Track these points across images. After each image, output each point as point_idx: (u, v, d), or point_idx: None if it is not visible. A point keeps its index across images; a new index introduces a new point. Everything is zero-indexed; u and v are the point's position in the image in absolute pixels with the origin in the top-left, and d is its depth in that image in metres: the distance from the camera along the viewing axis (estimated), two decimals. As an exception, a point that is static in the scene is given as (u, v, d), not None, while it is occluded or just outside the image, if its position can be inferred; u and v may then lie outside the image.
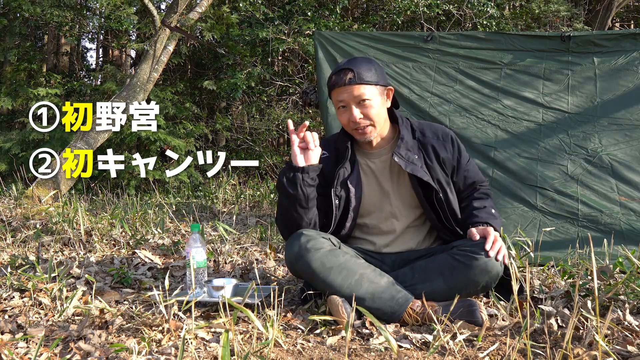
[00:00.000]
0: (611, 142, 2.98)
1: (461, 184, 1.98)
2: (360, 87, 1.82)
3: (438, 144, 1.94)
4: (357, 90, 1.83)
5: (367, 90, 1.83)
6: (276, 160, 8.01)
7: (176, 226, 3.48)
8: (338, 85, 1.85)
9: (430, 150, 1.93)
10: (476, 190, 2.01)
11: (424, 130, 1.97)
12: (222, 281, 1.97)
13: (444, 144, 1.94)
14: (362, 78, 1.82)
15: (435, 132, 1.97)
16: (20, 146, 7.01)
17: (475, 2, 7.12)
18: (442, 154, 1.93)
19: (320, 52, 3.47)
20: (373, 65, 1.89)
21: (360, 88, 1.82)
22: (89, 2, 9.35)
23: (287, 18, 7.08)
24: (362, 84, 1.82)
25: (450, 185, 1.94)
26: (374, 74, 1.85)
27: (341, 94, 1.85)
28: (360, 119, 1.85)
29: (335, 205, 1.90)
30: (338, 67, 1.88)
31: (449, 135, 1.97)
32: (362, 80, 1.82)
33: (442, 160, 1.93)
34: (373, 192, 1.95)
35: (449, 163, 1.94)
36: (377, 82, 1.85)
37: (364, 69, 1.84)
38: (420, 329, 1.67)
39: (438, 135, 1.96)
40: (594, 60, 3.18)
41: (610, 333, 1.52)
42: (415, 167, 1.87)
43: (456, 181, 1.97)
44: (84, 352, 1.51)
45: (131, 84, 5.95)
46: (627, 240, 2.65)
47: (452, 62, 3.36)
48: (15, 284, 2.10)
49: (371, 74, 1.85)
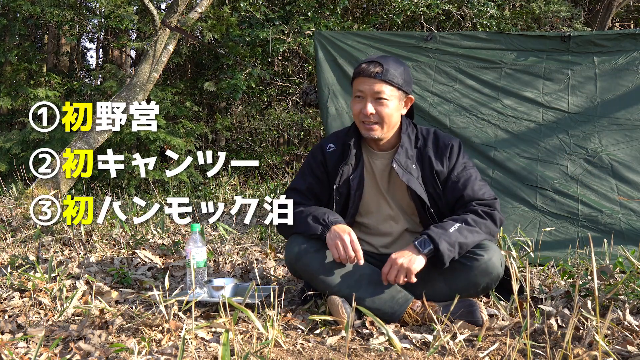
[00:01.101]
0: (611, 142, 2.97)
1: (449, 196, 1.87)
2: (383, 84, 1.81)
3: (435, 155, 1.89)
4: (378, 86, 1.82)
5: (388, 89, 1.82)
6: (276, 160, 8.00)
7: (176, 226, 3.48)
8: (363, 74, 1.84)
9: (427, 162, 1.89)
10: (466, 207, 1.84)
11: (427, 140, 1.93)
12: (222, 281, 1.97)
13: (441, 157, 1.89)
14: (388, 76, 1.81)
15: (436, 143, 1.92)
16: (20, 146, 7.01)
17: (475, 2, 7.11)
18: (436, 167, 1.87)
19: (320, 53, 3.47)
20: (404, 70, 1.87)
21: (383, 85, 1.81)
22: (89, 2, 9.35)
23: (287, 18, 7.08)
24: (385, 82, 1.81)
25: (441, 200, 1.88)
26: (400, 78, 1.84)
27: (362, 84, 1.85)
28: (371, 114, 1.84)
29: (335, 201, 1.90)
30: (370, 58, 1.88)
31: (449, 146, 1.90)
32: (387, 79, 1.81)
33: (436, 173, 1.88)
34: (373, 193, 1.94)
35: (442, 176, 1.88)
36: (400, 86, 1.84)
37: (393, 69, 1.83)
38: (420, 329, 1.67)
39: (438, 147, 1.90)
40: (594, 60, 3.18)
41: (610, 333, 1.52)
42: (412, 177, 1.85)
43: (445, 193, 1.88)
44: (84, 352, 1.51)
45: (131, 84, 5.95)
46: (627, 240, 2.64)
47: (452, 61, 3.36)
48: (15, 284, 2.10)
49: (398, 77, 1.83)
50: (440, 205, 1.88)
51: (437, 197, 1.87)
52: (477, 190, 1.85)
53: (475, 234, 1.73)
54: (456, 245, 1.69)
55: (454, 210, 1.87)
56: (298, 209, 1.88)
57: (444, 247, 1.67)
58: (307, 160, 2.02)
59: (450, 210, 1.87)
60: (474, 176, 1.88)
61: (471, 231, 1.73)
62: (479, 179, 1.89)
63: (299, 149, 8.29)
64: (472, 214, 1.79)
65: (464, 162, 1.89)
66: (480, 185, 1.87)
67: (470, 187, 1.85)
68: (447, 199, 1.87)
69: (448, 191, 1.87)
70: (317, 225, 1.78)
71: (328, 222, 1.78)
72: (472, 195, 1.84)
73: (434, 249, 1.68)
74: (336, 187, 1.89)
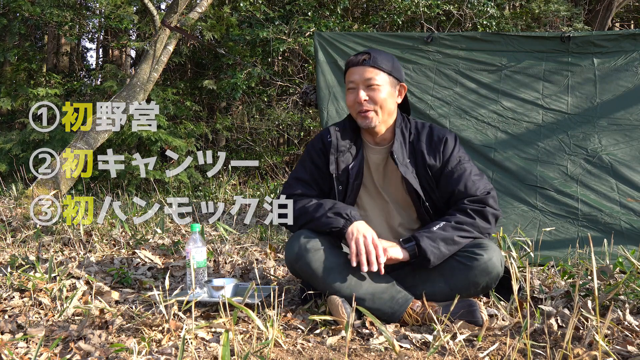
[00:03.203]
0: (611, 142, 2.98)
1: (443, 189, 1.86)
2: (372, 70, 1.84)
3: (428, 150, 1.87)
4: (368, 73, 1.84)
5: (378, 75, 1.84)
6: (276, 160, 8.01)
7: (176, 226, 3.48)
8: (352, 64, 1.87)
9: (419, 156, 1.88)
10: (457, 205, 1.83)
11: (421, 134, 1.91)
12: (222, 281, 1.97)
13: (434, 151, 1.87)
14: (376, 62, 1.84)
15: (430, 137, 1.90)
16: (20, 146, 7.01)
17: (475, 2, 7.12)
18: (429, 161, 1.86)
19: (320, 53, 3.47)
20: (392, 57, 1.91)
21: (372, 71, 1.84)
22: (89, 2, 9.35)
23: (287, 18, 7.08)
24: (374, 68, 1.84)
25: (435, 194, 1.87)
26: (389, 64, 1.87)
27: (353, 75, 1.86)
28: (365, 101, 1.84)
29: (337, 191, 1.90)
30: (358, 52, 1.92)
31: (443, 139, 1.88)
32: (375, 64, 1.84)
33: (429, 167, 1.86)
34: (369, 185, 1.95)
35: (435, 170, 1.86)
36: (390, 72, 1.86)
37: (381, 56, 1.86)
38: (420, 329, 1.67)
39: (432, 141, 1.89)
40: (594, 60, 3.18)
41: (610, 333, 1.52)
42: (407, 170, 1.86)
43: (439, 186, 1.87)
44: (84, 352, 1.51)
45: (131, 84, 5.95)
46: (627, 240, 2.65)
47: (452, 64, 3.36)
48: (15, 284, 2.10)
49: (386, 62, 1.86)
50: (434, 198, 1.88)
51: (431, 191, 1.88)
52: (470, 186, 1.82)
53: (462, 231, 1.74)
54: (439, 241, 1.71)
55: (448, 204, 1.87)
56: (312, 201, 1.85)
57: (426, 244, 1.70)
58: (306, 150, 2.00)
59: (445, 204, 1.88)
60: (468, 170, 1.85)
61: (457, 228, 1.74)
62: (474, 173, 1.86)
63: (299, 149, 8.29)
64: (460, 213, 1.79)
65: (458, 156, 1.87)
66: (474, 180, 1.84)
67: (462, 183, 1.83)
68: (441, 192, 1.87)
69: (442, 185, 1.86)
70: (339, 219, 1.76)
71: (351, 217, 1.77)
72: (463, 191, 1.82)
73: (415, 244, 1.71)
74: (336, 176, 1.89)
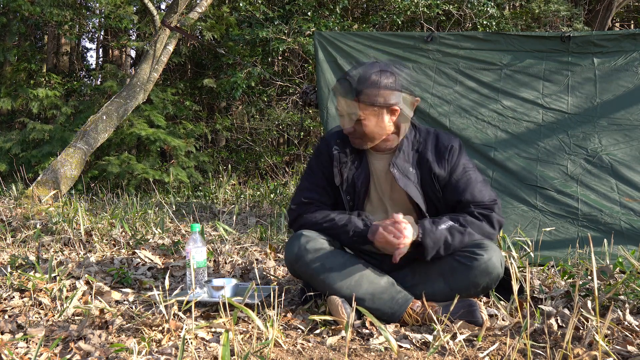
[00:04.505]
0: (611, 142, 2.98)
1: (449, 198, 1.83)
2: (356, 104, 1.75)
3: (434, 158, 1.84)
4: (352, 108, 1.76)
5: (362, 110, 1.75)
6: (276, 160, 8.01)
7: (176, 226, 3.48)
8: (337, 92, 1.82)
9: (425, 165, 1.84)
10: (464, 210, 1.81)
11: (427, 143, 1.87)
12: (222, 281, 1.97)
13: (440, 159, 1.83)
14: (360, 97, 1.73)
15: (436, 145, 1.86)
16: (20, 146, 7.01)
17: (475, 2, 7.12)
18: (435, 169, 1.82)
19: (320, 53, 3.47)
20: (383, 80, 1.74)
21: (358, 106, 1.75)
22: (89, 2, 9.35)
23: (287, 18, 7.08)
24: (359, 103, 1.74)
25: (440, 202, 1.86)
26: (377, 94, 1.73)
27: (339, 102, 1.82)
28: (350, 132, 1.82)
29: (346, 201, 1.88)
30: (346, 73, 1.80)
31: (449, 147, 1.84)
32: (359, 100, 1.74)
33: (435, 176, 1.83)
34: (375, 192, 1.94)
35: (442, 178, 1.83)
36: (378, 104, 1.73)
37: (368, 87, 1.73)
38: (420, 329, 1.67)
39: (438, 149, 1.85)
40: (594, 60, 3.18)
41: (610, 333, 1.52)
42: (409, 182, 1.83)
43: (445, 195, 1.84)
44: (84, 352, 1.51)
45: (131, 84, 5.95)
46: (627, 240, 2.65)
47: (452, 63, 3.36)
48: (15, 284, 2.10)
49: (374, 94, 1.73)
50: (439, 207, 1.87)
51: (437, 200, 1.86)
52: (477, 193, 1.82)
53: (465, 235, 1.74)
54: (440, 243, 1.72)
55: (454, 211, 1.85)
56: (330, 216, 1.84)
57: (428, 242, 1.70)
58: (312, 160, 1.97)
59: (451, 210, 1.86)
60: (473, 178, 1.84)
61: (462, 232, 1.74)
62: (479, 181, 1.85)
63: (299, 149, 8.30)
64: (468, 215, 1.79)
65: (463, 164, 1.86)
66: (480, 188, 1.83)
67: (469, 191, 1.82)
68: (447, 201, 1.86)
69: (448, 194, 1.85)
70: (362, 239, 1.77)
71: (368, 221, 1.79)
72: (470, 199, 1.81)
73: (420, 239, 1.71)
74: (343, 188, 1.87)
